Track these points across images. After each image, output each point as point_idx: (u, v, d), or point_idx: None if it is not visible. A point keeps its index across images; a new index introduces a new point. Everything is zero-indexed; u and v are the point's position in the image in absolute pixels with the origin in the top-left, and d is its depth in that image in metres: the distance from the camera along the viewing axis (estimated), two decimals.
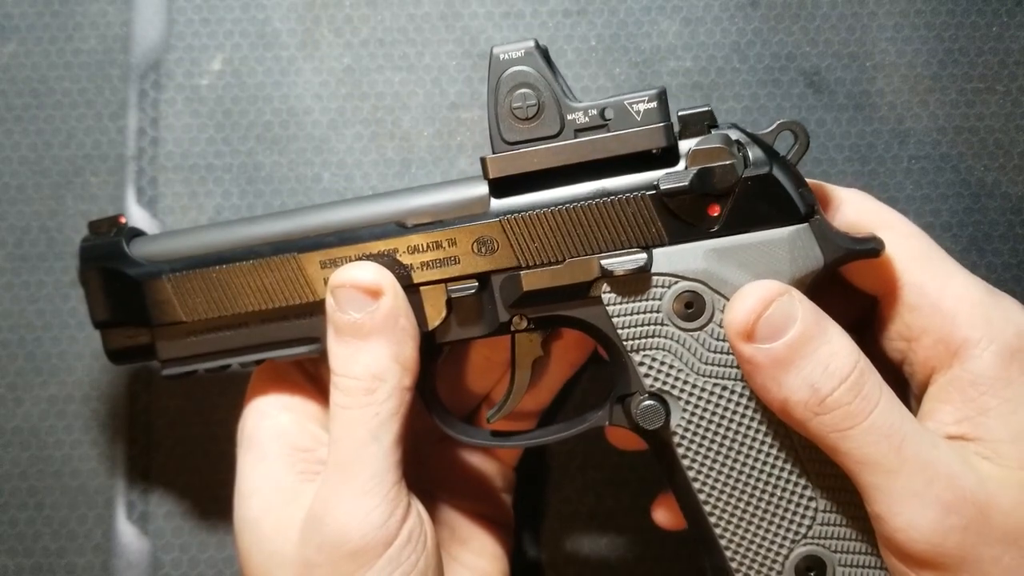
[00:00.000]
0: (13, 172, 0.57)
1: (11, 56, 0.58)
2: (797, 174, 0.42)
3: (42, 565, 0.56)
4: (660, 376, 0.43)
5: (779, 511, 0.42)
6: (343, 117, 0.57)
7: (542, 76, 0.43)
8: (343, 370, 0.44)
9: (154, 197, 0.57)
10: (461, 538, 0.50)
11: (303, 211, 0.47)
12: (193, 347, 0.47)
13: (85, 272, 0.48)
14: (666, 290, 0.43)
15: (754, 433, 0.42)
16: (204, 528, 0.56)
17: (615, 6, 0.57)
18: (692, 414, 0.43)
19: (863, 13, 0.56)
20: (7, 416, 0.56)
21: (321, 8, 0.57)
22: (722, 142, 0.42)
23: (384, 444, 0.43)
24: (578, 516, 0.55)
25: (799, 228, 0.42)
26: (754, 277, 0.42)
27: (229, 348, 0.47)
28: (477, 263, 0.44)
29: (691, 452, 0.43)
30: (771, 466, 0.42)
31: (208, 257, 0.46)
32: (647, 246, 0.43)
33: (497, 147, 0.43)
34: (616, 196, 0.43)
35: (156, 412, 0.56)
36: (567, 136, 0.43)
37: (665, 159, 0.43)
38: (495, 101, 0.43)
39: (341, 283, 0.44)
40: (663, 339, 0.43)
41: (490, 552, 0.50)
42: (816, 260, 0.42)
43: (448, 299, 0.45)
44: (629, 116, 0.42)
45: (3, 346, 0.56)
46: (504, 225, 0.44)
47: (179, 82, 0.57)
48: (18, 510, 0.56)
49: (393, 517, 0.42)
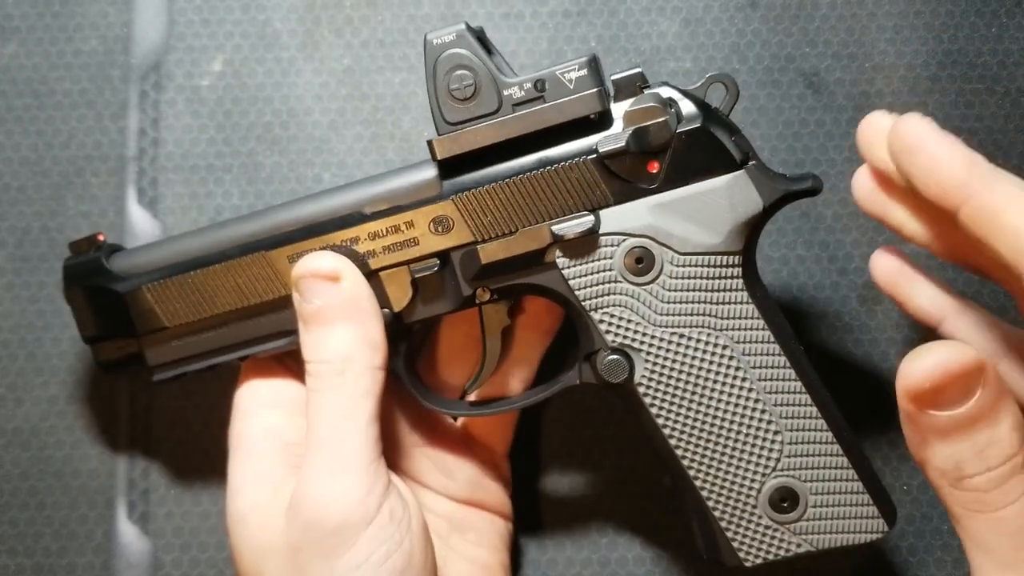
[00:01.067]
0: (14, 173, 0.57)
1: (12, 57, 0.58)
2: (730, 124, 0.44)
3: (43, 565, 0.56)
4: (620, 331, 0.45)
5: (747, 448, 0.44)
6: (343, 118, 0.57)
7: (476, 56, 0.44)
8: (313, 356, 0.45)
9: (155, 198, 0.57)
10: (459, 528, 0.50)
11: (269, 210, 0.49)
12: (179, 351, 0.49)
13: (69, 291, 0.50)
14: (615, 248, 0.44)
15: (715, 376, 0.44)
16: (205, 528, 0.56)
17: (615, 7, 0.57)
18: (654, 364, 0.45)
19: (862, 14, 0.56)
20: (8, 416, 0.56)
21: (321, 9, 0.57)
22: (654, 101, 0.43)
23: (358, 422, 0.44)
24: (579, 511, 0.55)
25: (736, 175, 0.43)
26: (697, 227, 0.43)
27: (213, 348, 0.49)
28: (435, 242, 0.46)
29: (658, 401, 0.45)
30: (734, 406, 0.44)
31: (183, 264, 0.48)
32: (594, 208, 0.44)
33: (441, 129, 0.45)
34: (559, 164, 0.44)
35: (157, 412, 0.56)
36: (506, 111, 0.44)
37: (602, 123, 0.44)
38: (434, 85, 0.44)
39: (301, 274, 0.46)
40: (618, 296, 0.45)
41: (488, 542, 0.51)
42: (755, 203, 0.43)
43: (412, 279, 0.46)
44: (562, 85, 0.44)
45: (4, 346, 0.57)
46: (456, 203, 0.45)
47: (180, 83, 0.57)
48: (19, 510, 0.56)
49: (372, 494, 0.43)
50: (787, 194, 0.44)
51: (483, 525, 0.51)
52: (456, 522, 0.50)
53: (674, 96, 0.44)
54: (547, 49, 0.57)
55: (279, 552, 0.43)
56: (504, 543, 0.52)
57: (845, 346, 0.55)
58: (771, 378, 0.44)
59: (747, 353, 0.44)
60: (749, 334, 0.44)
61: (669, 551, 0.55)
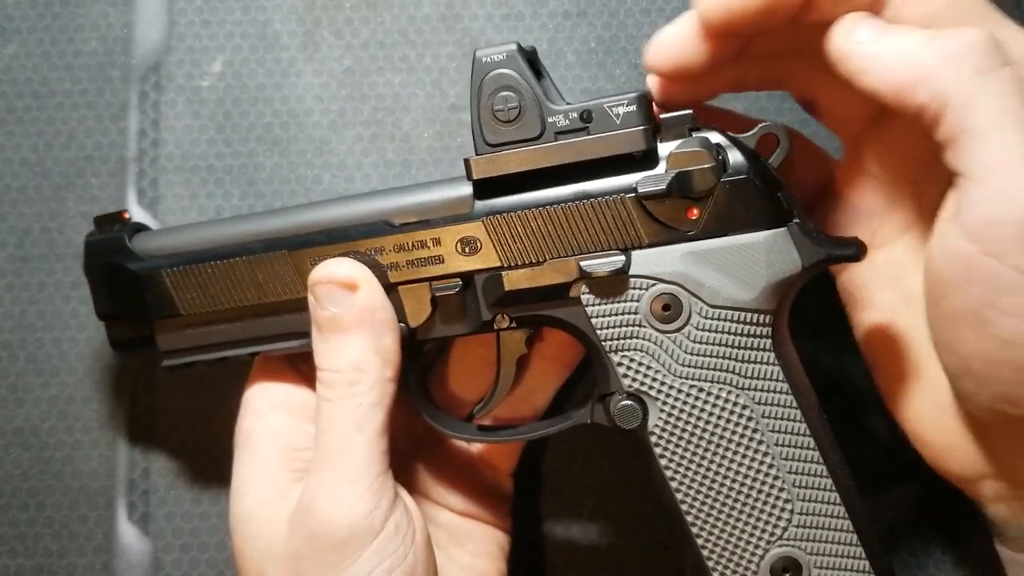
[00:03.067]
0: (14, 173, 0.57)
1: (12, 58, 0.58)
2: (776, 178, 0.43)
3: (43, 566, 0.56)
4: (638, 377, 0.43)
5: (755, 512, 0.43)
6: (343, 119, 0.57)
7: (523, 79, 0.43)
8: (325, 364, 0.45)
9: (155, 198, 0.57)
10: (457, 539, 0.50)
11: (297, 209, 0.48)
12: (191, 339, 0.49)
13: (89, 266, 0.50)
14: (644, 292, 0.43)
15: (730, 435, 0.43)
16: (205, 529, 0.56)
17: (615, 8, 0.57)
18: (669, 415, 0.43)
19: None
20: (8, 417, 0.56)
21: (321, 10, 0.57)
22: (701, 146, 0.42)
23: (367, 434, 0.43)
24: (578, 519, 0.55)
25: (776, 232, 0.42)
26: (731, 280, 0.42)
27: (225, 341, 0.48)
28: (461, 262, 0.45)
29: (668, 452, 0.43)
30: (747, 468, 0.43)
31: (204, 253, 0.48)
32: (626, 248, 0.43)
33: (480, 148, 0.44)
34: (595, 198, 0.43)
35: (157, 413, 0.56)
36: (548, 139, 0.43)
37: (645, 162, 0.43)
38: (478, 103, 0.43)
39: (318, 279, 0.45)
40: (641, 340, 0.43)
41: (486, 552, 0.50)
42: (794, 264, 0.42)
43: (432, 297, 0.45)
44: (609, 119, 0.42)
45: (4, 347, 0.57)
46: (487, 225, 0.44)
47: (180, 84, 0.57)
48: (19, 511, 0.56)
49: (379, 508, 0.42)
50: (828, 258, 0.42)
51: (482, 536, 0.51)
52: (455, 533, 0.50)
53: (723, 143, 0.42)
54: (547, 50, 0.57)
55: (281, 558, 0.43)
56: (502, 553, 0.51)
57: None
58: (788, 444, 0.43)
59: (767, 416, 0.43)
60: (771, 396, 0.43)
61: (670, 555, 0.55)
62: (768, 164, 0.43)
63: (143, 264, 0.48)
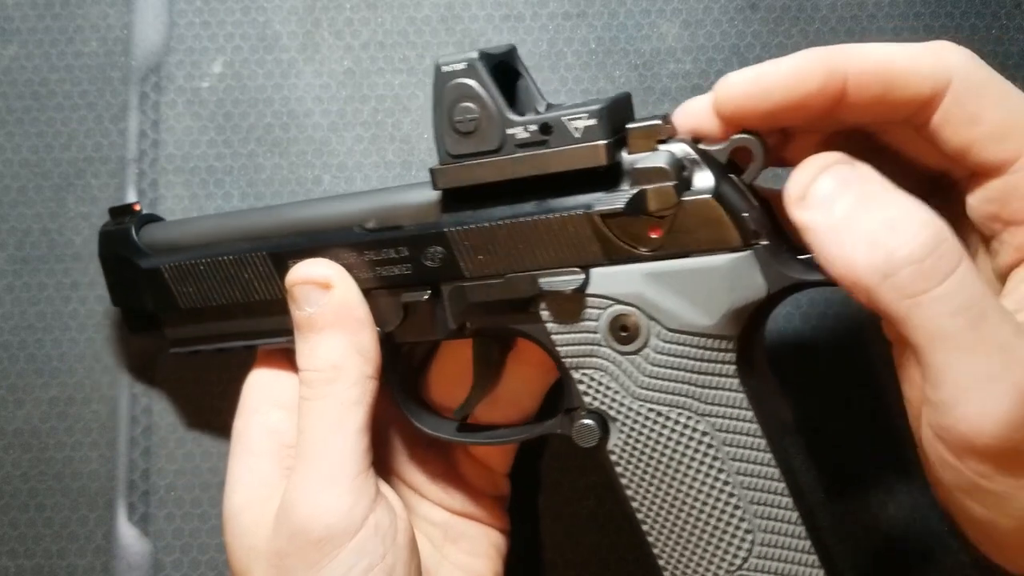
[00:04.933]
0: (14, 174, 0.57)
1: (12, 59, 0.58)
2: (746, 197, 0.40)
3: (43, 567, 0.56)
4: (598, 396, 0.42)
5: (714, 540, 0.41)
6: (343, 120, 0.57)
7: (483, 89, 0.41)
8: (305, 364, 0.45)
9: (155, 200, 0.57)
10: (452, 538, 0.50)
11: (282, 208, 0.48)
12: (191, 331, 0.50)
13: (102, 256, 0.52)
14: (602, 311, 0.42)
15: (689, 461, 0.41)
16: (205, 530, 0.56)
17: (615, 9, 0.57)
18: (628, 437, 0.42)
19: (862, 16, 0.56)
20: (8, 418, 0.56)
21: (321, 11, 0.57)
22: (665, 162, 0.40)
23: (347, 433, 0.43)
24: (577, 518, 0.55)
25: (740, 256, 0.39)
26: (690, 304, 0.40)
27: (220, 334, 0.49)
28: (427, 271, 0.44)
29: (628, 473, 0.42)
30: (707, 496, 0.41)
31: (198, 249, 0.48)
32: (585, 266, 0.42)
33: (443, 159, 0.43)
34: (555, 214, 0.41)
35: (157, 414, 0.56)
36: (508, 151, 0.41)
37: (609, 176, 0.41)
38: (439, 114, 0.42)
39: (294, 280, 0.45)
40: (600, 359, 0.42)
41: (482, 552, 0.50)
42: (758, 289, 0.39)
43: (403, 303, 0.45)
44: (568, 133, 0.40)
45: (4, 348, 0.57)
46: (451, 236, 0.43)
47: (180, 85, 0.57)
48: (19, 512, 0.56)
49: (358, 506, 0.42)
50: (797, 284, 0.39)
51: (477, 535, 0.51)
52: (450, 531, 0.50)
53: (690, 158, 0.40)
54: (547, 51, 0.57)
55: (266, 555, 0.43)
56: (499, 552, 0.51)
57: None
58: (751, 474, 0.41)
59: (728, 444, 0.41)
60: (734, 424, 0.41)
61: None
62: (739, 180, 0.40)
63: (146, 259, 0.49)
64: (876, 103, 0.38)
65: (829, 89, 0.38)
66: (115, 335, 0.57)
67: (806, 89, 0.38)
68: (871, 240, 0.35)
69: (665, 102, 0.56)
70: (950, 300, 0.34)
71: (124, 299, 0.52)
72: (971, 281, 0.35)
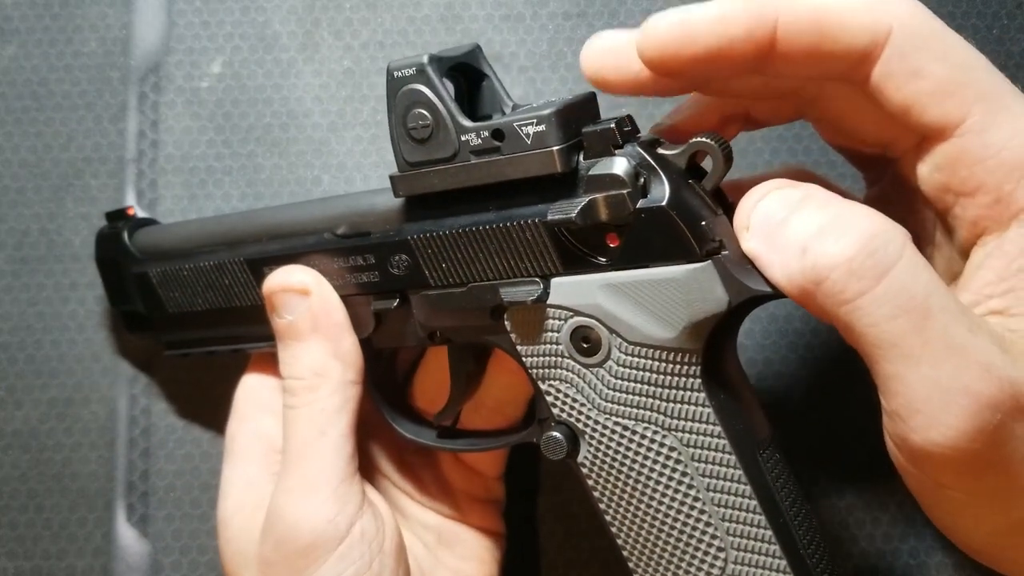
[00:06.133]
0: (13, 175, 0.57)
1: (11, 59, 0.58)
2: (705, 204, 0.38)
3: (42, 568, 0.56)
4: (566, 408, 0.41)
5: (687, 556, 0.40)
6: (343, 120, 0.57)
7: (434, 95, 0.40)
8: (287, 372, 0.45)
9: (154, 200, 0.57)
10: (446, 542, 0.50)
11: (258, 213, 0.48)
12: (180, 335, 0.51)
13: (98, 259, 0.53)
14: (563, 323, 0.40)
15: (657, 477, 0.40)
16: (204, 531, 0.56)
17: (615, 8, 0.57)
18: (596, 450, 0.41)
19: None
20: (7, 419, 0.56)
21: (321, 11, 0.57)
22: (619, 168, 0.37)
23: (331, 439, 0.43)
24: (578, 519, 0.55)
25: (698, 267, 0.37)
26: (649, 317, 0.38)
27: (211, 337, 0.50)
28: (394, 279, 0.44)
29: (599, 486, 0.41)
30: (676, 511, 0.40)
31: (183, 254, 0.49)
32: (545, 276, 0.40)
33: (400, 166, 0.41)
34: (512, 222, 0.40)
35: (156, 415, 0.56)
36: (463, 158, 0.40)
37: (566, 183, 0.39)
38: (393, 120, 0.41)
39: (272, 289, 0.45)
40: (564, 371, 0.41)
41: (476, 556, 0.50)
42: (718, 302, 0.37)
43: (374, 311, 0.45)
44: (520, 139, 0.39)
45: (3, 349, 0.56)
46: (414, 243, 0.42)
47: (179, 85, 0.57)
48: (18, 513, 0.56)
49: (343, 513, 0.42)
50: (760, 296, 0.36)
51: (471, 539, 0.50)
52: (444, 535, 0.50)
53: (646, 163, 0.38)
54: (547, 51, 0.56)
55: (255, 562, 0.44)
56: (493, 557, 0.51)
57: None
58: (721, 490, 0.39)
59: (696, 459, 0.39)
60: (701, 439, 0.39)
61: None
62: (699, 187, 0.38)
63: (136, 263, 0.50)
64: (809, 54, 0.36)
65: (757, 35, 0.35)
66: (114, 336, 0.57)
67: (732, 34, 0.35)
68: (802, 247, 0.33)
69: (665, 102, 0.56)
70: (888, 301, 0.32)
71: (119, 301, 0.52)
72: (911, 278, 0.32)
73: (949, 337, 0.32)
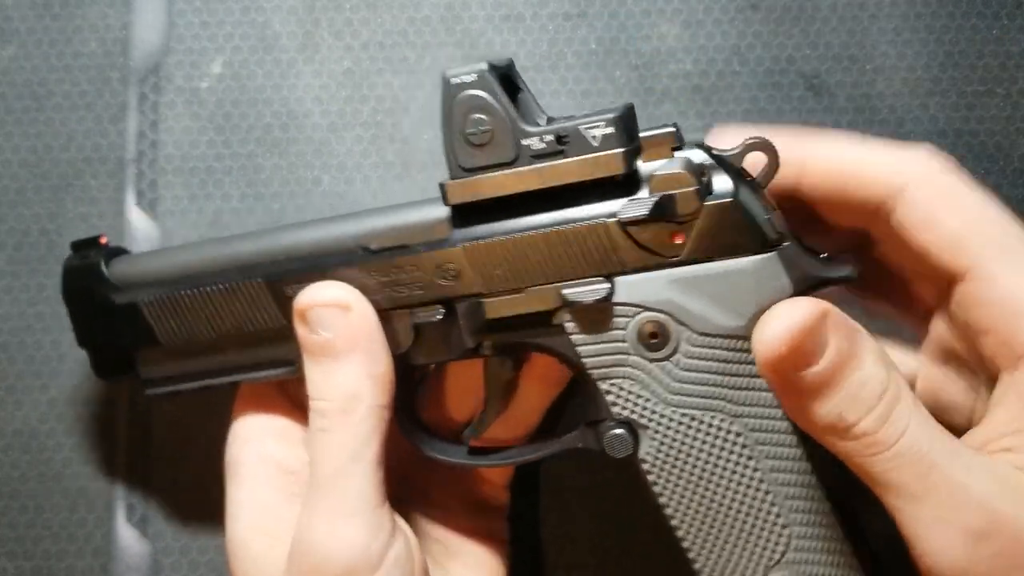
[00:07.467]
0: (13, 175, 0.57)
1: (11, 59, 0.58)
2: (765, 199, 0.41)
3: (42, 568, 0.56)
4: (628, 405, 0.42)
5: (752, 539, 0.42)
6: (343, 120, 0.57)
7: (495, 100, 0.41)
8: (318, 393, 0.43)
9: (154, 200, 0.57)
10: (454, 554, 0.49)
11: (271, 232, 0.46)
12: (173, 369, 0.48)
13: (67, 293, 0.49)
14: (630, 320, 0.41)
15: (724, 463, 0.42)
16: (204, 531, 0.56)
17: (615, 9, 0.57)
18: (661, 443, 0.42)
19: (863, 16, 0.56)
20: (7, 419, 0.56)
21: (321, 11, 0.57)
22: (684, 167, 0.40)
23: (364, 464, 0.42)
24: (577, 522, 0.55)
25: (765, 257, 0.40)
26: (719, 307, 0.40)
27: (208, 370, 0.47)
28: (441, 289, 0.43)
29: (661, 479, 0.42)
30: (743, 495, 0.42)
31: (180, 281, 0.46)
32: (609, 275, 0.41)
33: (454, 172, 0.42)
34: (576, 224, 0.41)
35: (156, 415, 0.56)
36: (523, 162, 0.41)
37: (627, 184, 0.41)
38: (449, 127, 0.41)
39: (309, 304, 0.43)
40: (629, 368, 0.42)
41: (484, 565, 0.50)
42: (784, 289, 0.40)
43: (414, 324, 0.44)
44: (585, 142, 0.40)
45: (3, 349, 0.56)
46: (466, 252, 0.42)
47: (179, 85, 0.57)
48: (18, 513, 0.56)
49: (377, 540, 0.41)
50: (821, 281, 0.40)
51: (479, 550, 0.50)
52: (451, 547, 0.50)
53: (707, 163, 0.40)
54: (547, 51, 0.56)
55: None
56: (500, 565, 0.51)
57: None
58: (785, 470, 0.41)
59: (761, 443, 0.41)
60: (766, 423, 0.41)
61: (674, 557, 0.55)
62: (757, 183, 0.41)
63: (120, 293, 0.47)
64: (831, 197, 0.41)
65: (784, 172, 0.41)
66: None
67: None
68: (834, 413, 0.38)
69: (665, 102, 0.56)
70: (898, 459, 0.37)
71: (92, 339, 0.49)
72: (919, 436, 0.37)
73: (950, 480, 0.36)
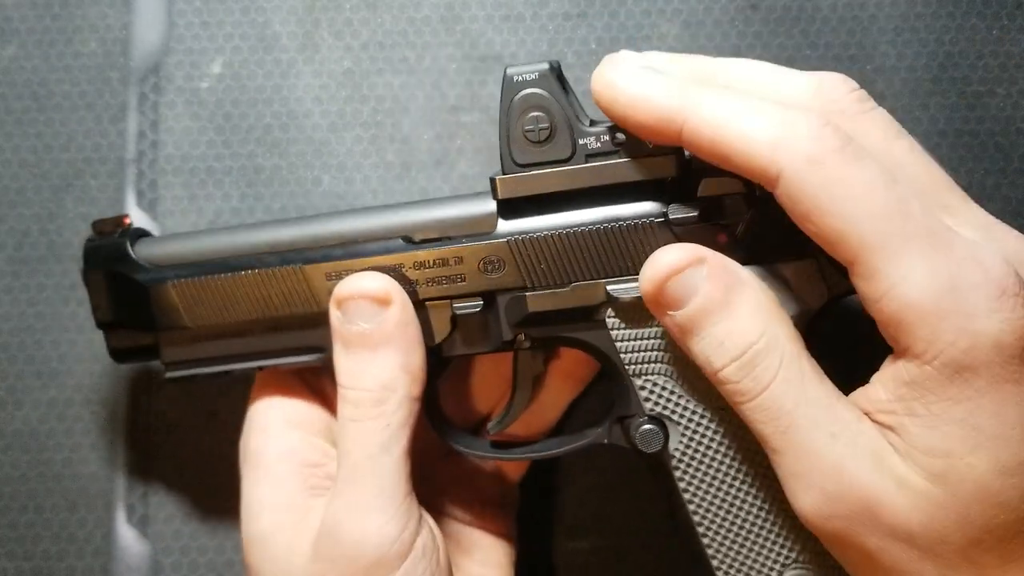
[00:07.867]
0: (13, 175, 0.57)
1: (11, 59, 0.58)
2: None
3: (42, 568, 0.56)
4: (660, 401, 0.43)
5: (771, 535, 0.42)
6: (343, 120, 0.57)
7: (555, 99, 0.42)
8: (351, 383, 0.43)
9: (154, 200, 0.57)
10: (465, 549, 0.50)
11: (310, 220, 0.47)
12: (196, 352, 0.47)
13: (88, 273, 0.48)
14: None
15: (748, 459, 0.42)
16: (204, 532, 0.56)
17: (615, 9, 0.57)
18: (690, 439, 0.43)
19: (863, 16, 0.56)
20: (7, 419, 0.56)
21: (321, 11, 0.57)
22: None
23: (395, 455, 0.42)
24: (583, 521, 0.55)
25: (804, 263, 0.42)
26: None
27: (233, 354, 0.47)
28: (483, 282, 0.44)
29: (687, 475, 0.43)
30: (766, 491, 0.42)
31: (214, 264, 0.46)
32: None
33: (507, 168, 0.43)
34: (625, 223, 0.43)
35: (156, 415, 0.56)
36: (578, 160, 0.43)
37: (676, 185, 0.42)
38: (507, 122, 0.43)
39: (349, 294, 0.43)
40: (665, 365, 0.43)
41: (494, 561, 0.50)
42: (820, 295, 0.42)
43: (452, 315, 0.45)
44: (640, 143, 0.42)
45: (3, 349, 0.56)
46: (512, 246, 0.44)
47: (179, 85, 0.57)
48: (18, 513, 0.56)
49: (406, 530, 0.42)
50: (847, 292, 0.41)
51: (489, 545, 0.50)
52: (463, 543, 0.50)
53: None
54: (547, 51, 0.56)
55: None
56: (509, 561, 0.51)
57: None
58: None
59: None
60: None
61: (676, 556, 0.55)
62: None
63: (147, 274, 0.47)
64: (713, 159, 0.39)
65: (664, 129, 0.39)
66: None
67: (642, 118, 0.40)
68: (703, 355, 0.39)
69: None
70: (760, 412, 0.38)
71: (116, 319, 0.48)
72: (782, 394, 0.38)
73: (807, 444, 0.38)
